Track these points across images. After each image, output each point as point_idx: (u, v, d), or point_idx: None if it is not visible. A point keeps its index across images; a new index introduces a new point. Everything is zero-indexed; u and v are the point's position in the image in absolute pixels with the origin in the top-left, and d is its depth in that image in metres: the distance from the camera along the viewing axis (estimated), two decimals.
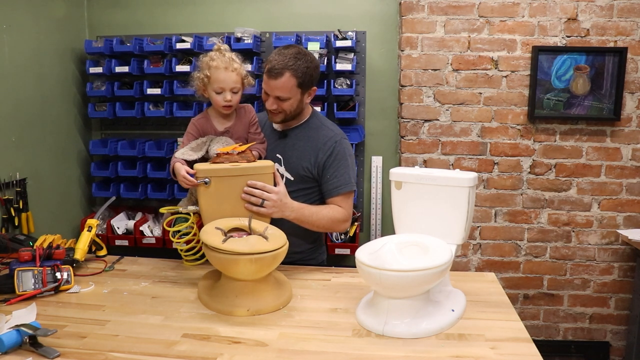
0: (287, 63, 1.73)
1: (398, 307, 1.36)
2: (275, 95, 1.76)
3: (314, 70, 1.81)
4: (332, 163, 1.82)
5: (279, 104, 1.78)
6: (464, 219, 1.57)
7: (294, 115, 1.84)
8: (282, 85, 1.74)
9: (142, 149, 2.95)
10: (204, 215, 1.67)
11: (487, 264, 2.89)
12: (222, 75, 1.71)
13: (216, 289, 1.54)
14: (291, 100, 1.78)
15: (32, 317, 1.38)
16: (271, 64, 1.74)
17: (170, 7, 3.04)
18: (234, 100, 1.75)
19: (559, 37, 2.68)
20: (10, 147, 2.48)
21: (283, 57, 1.74)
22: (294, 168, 1.84)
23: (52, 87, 2.80)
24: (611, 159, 2.75)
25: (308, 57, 1.78)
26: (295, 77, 1.74)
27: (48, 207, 2.76)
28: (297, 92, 1.78)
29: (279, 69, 1.72)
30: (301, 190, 1.85)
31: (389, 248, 1.34)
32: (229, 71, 1.72)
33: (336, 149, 1.83)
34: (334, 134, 1.86)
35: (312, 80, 1.81)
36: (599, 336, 2.90)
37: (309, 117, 1.90)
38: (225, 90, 1.73)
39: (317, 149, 1.83)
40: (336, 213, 1.83)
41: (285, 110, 1.80)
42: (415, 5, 2.72)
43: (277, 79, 1.73)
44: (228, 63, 1.72)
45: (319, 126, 1.88)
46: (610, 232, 2.81)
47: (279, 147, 1.88)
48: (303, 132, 1.88)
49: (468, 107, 2.78)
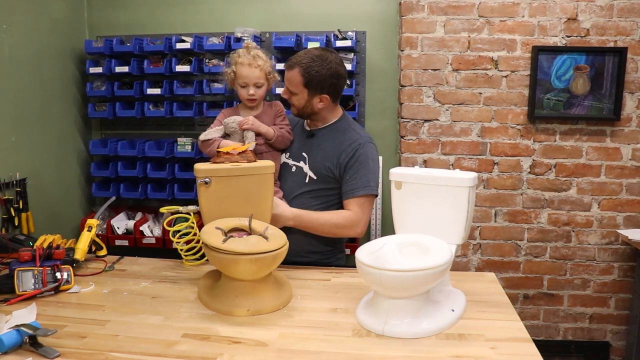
0: (302, 60, 1.81)
1: (398, 307, 1.36)
2: (286, 85, 1.86)
3: (327, 78, 1.81)
4: (353, 165, 1.83)
5: (289, 95, 1.87)
6: (464, 219, 1.57)
7: (305, 114, 1.89)
8: (290, 78, 1.83)
9: (142, 149, 2.95)
10: (204, 215, 1.67)
11: (487, 264, 2.89)
12: (245, 71, 1.85)
13: (216, 289, 1.54)
14: (298, 97, 1.84)
15: (32, 317, 1.38)
16: (292, 57, 1.85)
17: (170, 7, 3.04)
18: (257, 94, 1.88)
19: (559, 37, 2.69)
20: (10, 147, 2.48)
21: (304, 53, 1.83)
22: (317, 167, 1.86)
23: (52, 87, 2.80)
24: (611, 159, 2.75)
25: (325, 64, 1.80)
26: (302, 75, 1.80)
27: (48, 207, 2.76)
28: (304, 91, 1.82)
29: (293, 62, 1.82)
30: (322, 190, 1.86)
31: (389, 248, 1.34)
32: (253, 67, 1.85)
33: (358, 152, 1.83)
34: (360, 136, 1.87)
35: (322, 86, 1.82)
36: (599, 336, 2.90)
37: (337, 120, 1.92)
38: (249, 84, 1.87)
39: (340, 150, 1.84)
40: (340, 219, 1.82)
41: (295, 104, 1.87)
42: (415, 5, 2.72)
43: (288, 70, 1.84)
44: (252, 60, 1.86)
45: (346, 129, 1.89)
46: (610, 232, 2.81)
47: (306, 146, 1.91)
48: (330, 133, 1.90)
49: (468, 107, 2.78)
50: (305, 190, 1.87)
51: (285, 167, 1.93)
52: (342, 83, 1.88)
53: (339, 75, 1.84)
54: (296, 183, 1.89)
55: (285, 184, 1.91)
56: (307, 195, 1.87)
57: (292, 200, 1.87)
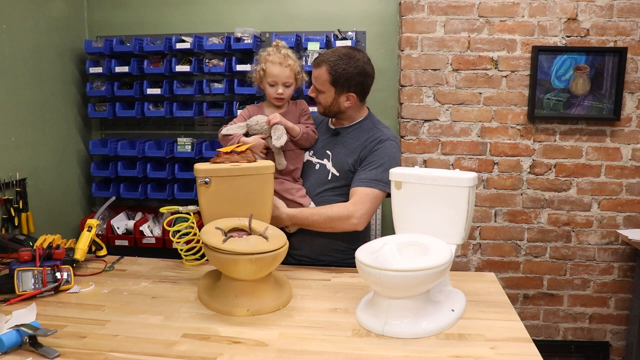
0: (329, 58, 1.81)
1: (398, 307, 1.36)
2: (314, 83, 1.86)
3: (355, 76, 1.81)
4: (367, 157, 1.83)
5: (316, 93, 1.87)
6: (464, 219, 1.56)
7: (331, 112, 1.89)
8: (317, 75, 1.84)
9: (142, 149, 2.95)
10: (204, 215, 1.67)
11: (487, 264, 2.89)
12: (276, 70, 1.84)
13: (216, 289, 1.54)
14: (325, 95, 1.85)
15: (32, 317, 1.38)
16: (319, 55, 1.86)
17: (170, 7, 3.05)
18: (285, 94, 1.88)
19: (558, 37, 2.69)
20: (10, 147, 2.48)
21: (331, 52, 1.84)
22: (340, 164, 1.86)
23: (52, 87, 2.80)
24: (611, 159, 2.75)
25: (353, 62, 1.80)
26: (329, 72, 1.80)
27: (48, 207, 2.76)
28: (331, 89, 1.82)
29: (320, 60, 1.83)
30: (346, 187, 1.86)
31: (389, 248, 1.34)
32: (283, 66, 1.84)
33: (377, 146, 1.83)
34: (382, 133, 1.86)
35: (349, 84, 1.82)
36: (599, 336, 2.90)
37: (363, 119, 1.92)
38: (278, 83, 1.86)
39: (363, 146, 1.85)
40: (334, 211, 1.79)
41: (321, 102, 1.87)
42: (415, 5, 2.72)
43: (315, 68, 1.84)
44: (283, 59, 1.85)
45: (371, 128, 1.89)
46: (610, 232, 2.81)
47: (330, 144, 1.92)
48: (355, 132, 1.90)
49: (468, 107, 2.78)
50: (329, 187, 1.87)
51: (308, 165, 1.94)
52: (369, 82, 1.87)
53: (366, 74, 1.84)
54: (319, 180, 1.89)
55: (307, 181, 1.92)
56: (330, 192, 1.87)
57: (315, 197, 1.88)
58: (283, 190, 1.85)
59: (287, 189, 1.86)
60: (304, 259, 1.92)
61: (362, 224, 1.79)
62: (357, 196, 1.79)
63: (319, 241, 1.87)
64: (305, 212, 1.82)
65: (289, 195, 1.85)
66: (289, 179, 1.89)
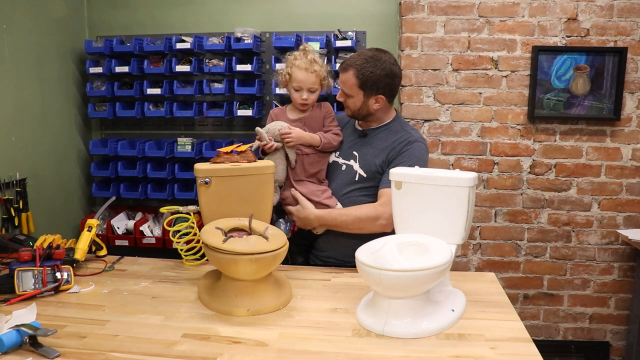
0: (356, 62, 1.81)
1: (398, 307, 1.36)
2: (342, 88, 1.86)
3: (381, 78, 1.81)
4: (396, 158, 1.83)
5: (345, 98, 1.87)
6: (464, 219, 1.56)
7: (360, 115, 1.89)
8: (345, 80, 1.83)
9: (142, 149, 2.95)
10: (204, 215, 1.67)
11: (487, 264, 2.89)
12: (301, 75, 1.85)
13: (216, 289, 1.54)
14: (354, 99, 1.84)
15: (32, 317, 1.38)
16: (346, 59, 1.86)
17: (170, 7, 3.05)
18: (310, 99, 1.88)
19: (559, 37, 2.68)
20: (10, 147, 2.48)
21: (357, 55, 1.84)
22: (367, 165, 1.86)
23: (52, 87, 2.81)
24: (611, 159, 2.75)
25: (379, 64, 1.81)
26: (357, 76, 1.80)
27: (48, 207, 2.76)
28: (359, 92, 1.82)
29: (347, 65, 1.83)
30: (372, 187, 1.86)
31: (389, 248, 1.34)
32: (309, 72, 1.84)
33: (405, 147, 1.83)
34: (410, 135, 1.86)
35: (377, 87, 1.82)
36: (599, 336, 2.90)
37: (390, 121, 1.92)
38: (303, 89, 1.86)
39: (391, 147, 1.85)
40: (362, 212, 1.80)
41: (350, 106, 1.87)
42: (415, 5, 2.72)
43: (343, 72, 1.84)
44: (309, 64, 1.85)
45: (398, 129, 1.90)
46: (610, 232, 2.81)
47: (357, 145, 1.91)
48: (382, 133, 1.90)
49: (468, 107, 2.78)
50: (355, 188, 1.87)
51: (334, 166, 1.93)
52: (397, 82, 1.87)
53: (393, 75, 1.84)
54: (345, 181, 1.89)
55: (334, 182, 1.92)
56: (357, 193, 1.87)
57: (341, 198, 1.88)
58: (308, 193, 1.85)
59: (313, 192, 1.86)
60: (331, 260, 1.92)
61: (390, 225, 1.77)
62: (386, 197, 1.78)
63: (345, 242, 1.85)
64: (334, 212, 1.82)
65: (314, 197, 1.85)
66: (314, 180, 1.89)
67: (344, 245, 1.86)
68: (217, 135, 3.11)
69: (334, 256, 1.91)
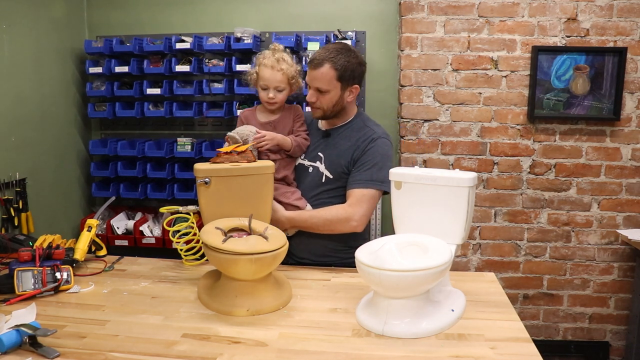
0: (328, 55, 1.78)
1: (398, 307, 1.36)
2: (315, 86, 1.80)
3: (356, 66, 1.81)
4: (361, 157, 1.82)
5: (318, 96, 1.81)
6: (464, 219, 1.56)
7: (333, 112, 1.85)
8: (322, 76, 1.78)
9: (142, 149, 2.95)
10: (204, 215, 1.67)
11: (487, 264, 2.89)
12: (267, 74, 1.83)
13: (216, 289, 1.54)
14: (331, 94, 1.80)
15: (32, 317, 1.38)
16: (313, 56, 1.81)
17: (170, 7, 3.04)
18: (277, 98, 1.85)
19: (558, 37, 2.69)
20: (10, 147, 2.48)
21: (326, 50, 1.81)
22: (333, 166, 1.86)
23: (52, 87, 2.80)
24: (611, 159, 2.75)
25: (351, 54, 1.81)
26: (335, 69, 1.77)
27: (48, 207, 2.76)
28: (337, 85, 1.80)
29: (320, 59, 1.78)
30: (340, 188, 1.86)
31: (389, 248, 1.34)
32: (275, 70, 1.82)
33: (370, 145, 1.82)
34: (374, 132, 1.86)
35: (353, 76, 1.81)
36: (599, 336, 2.90)
37: (353, 118, 1.91)
38: (270, 87, 1.84)
39: (355, 146, 1.84)
40: (332, 214, 1.80)
41: (324, 106, 1.83)
42: (415, 5, 2.72)
43: (317, 69, 1.78)
44: (276, 63, 1.82)
45: (362, 126, 1.89)
46: (610, 232, 2.81)
47: (321, 146, 1.90)
48: (346, 132, 1.89)
49: (468, 107, 2.78)
50: (323, 190, 1.86)
51: (301, 168, 1.93)
52: (365, 71, 1.88)
53: (364, 63, 1.86)
54: (313, 183, 1.88)
55: (301, 184, 1.91)
56: (325, 195, 1.86)
57: (310, 200, 1.87)
58: (278, 194, 1.83)
59: (283, 193, 1.85)
60: (305, 260, 1.92)
61: (361, 226, 1.81)
62: (354, 198, 1.79)
63: (317, 242, 1.87)
64: (304, 214, 1.82)
65: (284, 199, 1.84)
66: (282, 183, 1.88)
67: (317, 245, 1.87)
68: (217, 135, 3.11)
69: (308, 257, 1.91)
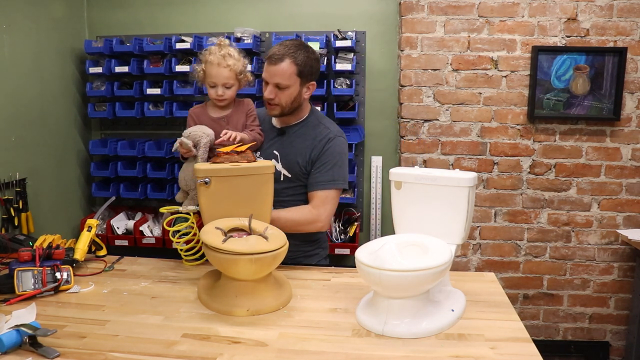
0: (288, 51, 1.77)
1: (398, 307, 1.36)
2: (275, 82, 1.78)
3: (314, 62, 1.82)
4: (320, 158, 1.83)
5: (277, 93, 1.79)
6: (464, 219, 1.57)
7: (291, 109, 1.84)
8: (282, 71, 1.76)
9: (141, 149, 2.95)
10: (204, 215, 1.67)
11: (487, 264, 2.89)
12: (214, 71, 1.79)
13: (216, 289, 1.54)
14: (290, 90, 1.79)
15: (32, 317, 1.38)
16: (272, 52, 1.78)
17: (170, 7, 3.04)
18: (226, 95, 1.83)
19: (558, 37, 2.69)
20: (10, 147, 2.48)
21: (284, 46, 1.79)
22: (289, 165, 1.86)
23: (52, 87, 2.80)
24: (611, 159, 2.75)
25: (309, 49, 1.81)
26: (295, 64, 1.77)
27: (48, 207, 2.76)
28: (296, 81, 1.79)
29: (280, 54, 1.76)
30: (298, 187, 1.86)
31: (389, 248, 1.34)
32: (222, 67, 1.78)
33: (327, 145, 1.83)
34: (329, 131, 1.86)
35: (311, 72, 1.81)
36: (599, 336, 2.90)
37: (307, 115, 1.91)
38: (217, 85, 1.81)
39: (312, 146, 1.84)
40: (299, 215, 1.82)
41: (282, 102, 1.80)
42: (415, 5, 2.72)
43: (277, 64, 1.76)
44: (221, 59, 1.78)
45: (316, 124, 1.89)
46: (610, 232, 2.81)
47: (276, 144, 1.89)
48: (301, 129, 1.88)
49: (468, 107, 2.78)
50: (282, 188, 1.85)
51: None
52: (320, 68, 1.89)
53: (320, 60, 1.86)
54: None
55: None
56: (284, 193, 1.86)
57: None
58: None
59: None
60: None
61: (326, 226, 1.87)
62: (318, 199, 1.82)
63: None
64: (274, 214, 1.77)
65: None
66: None
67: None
68: None
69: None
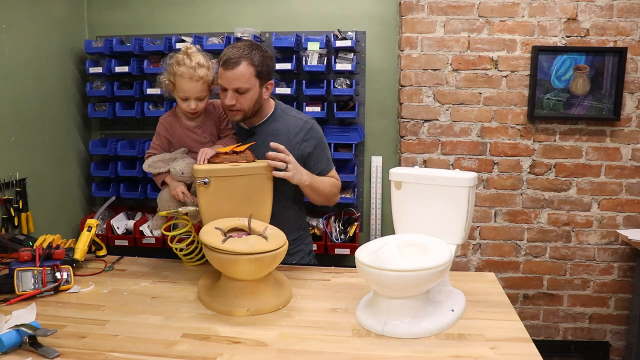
0: (243, 53, 1.71)
1: (398, 307, 1.36)
2: (234, 87, 1.72)
3: (270, 61, 1.79)
4: (314, 150, 1.84)
5: (238, 98, 1.73)
6: (464, 219, 1.57)
7: (253, 112, 1.80)
8: (241, 75, 1.70)
9: (142, 149, 2.95)
10: (204, 215, 1.67)
11: (487, 264, 2.89)
12: (186, 86, 1.71)
13: (216, 289, 1.54)
14: (251, 93, 1.74)
15: (32, 317, 1.38)
16: (226, 56, 1.71)
17: (170, 7, 3.04)
18: (199, 107, 1.76)
19: (558, 37, 2.69)
20: (10, 147, 2.48)
21: (237, 48, 1.73)
22: None
23: (52, 87, 2.80)
24: (611, 159, 2.75)
25: (262, 48, 1.78)
26: (253, 65, 1.72)
27: (48, 207, 2.76)
28: (256, 82, 1.74)
29: (235, 58, 1.70)
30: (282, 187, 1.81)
31: (389, 248, 1.34)
32: (194, 81, 1.70)
33: (312, 137, 1.84)
34: (303, 121, 1.86)
35: (269, 72, 1.79)
36: (599, 336, 2.90)
37: (272, 111, 1.88)
38: (190, 99, 1.73)
39: (288, 140, 1.80)
40: (333, 182, 1.91)
41: (245, 107, 1.76)
42: (415, 5, 2.72)
43: (235, 68, 1.70)
44: (193, 72, 1.70)
45: (284, 117, 1.87)
46: (610, 232, 2.81)
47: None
48: (270, 126, 1.86)
49: (468, 107, 2.78)
50: None
51: None
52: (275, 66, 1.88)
53: (274, 58, 1.84)
54: None
55: None
56: None
57: None
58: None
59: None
60: None
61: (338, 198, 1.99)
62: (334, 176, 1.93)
63: None
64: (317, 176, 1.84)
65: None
66: None
67: None
68: None
69: None
